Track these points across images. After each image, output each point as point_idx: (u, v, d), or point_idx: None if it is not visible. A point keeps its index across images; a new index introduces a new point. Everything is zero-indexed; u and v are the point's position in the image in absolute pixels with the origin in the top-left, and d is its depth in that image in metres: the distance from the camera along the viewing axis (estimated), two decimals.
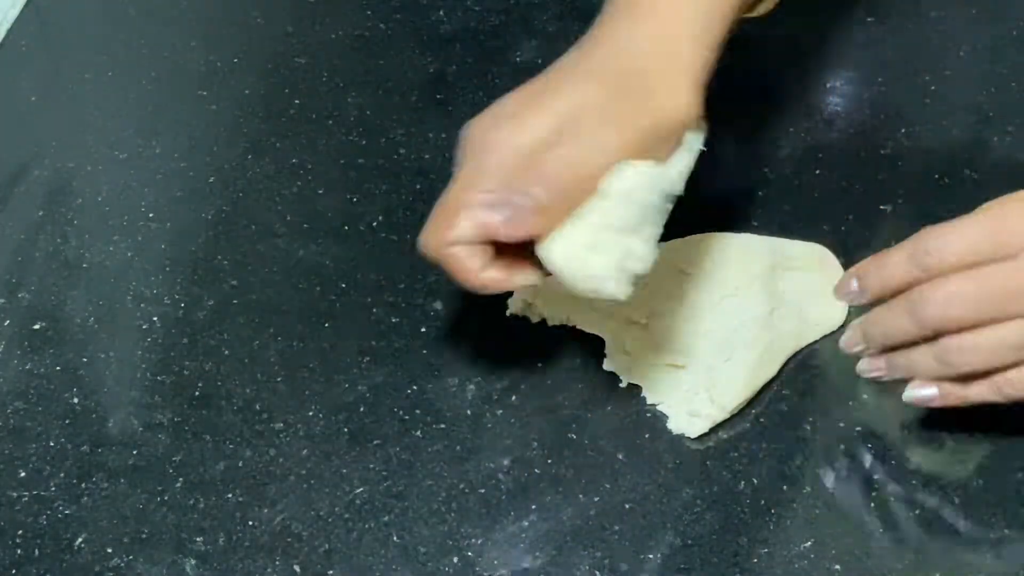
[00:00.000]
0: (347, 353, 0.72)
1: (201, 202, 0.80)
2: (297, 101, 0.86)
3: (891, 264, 0.64)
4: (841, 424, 0.68)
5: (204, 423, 0.69)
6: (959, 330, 0.62)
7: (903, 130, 0.81)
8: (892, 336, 0.65)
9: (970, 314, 0.62)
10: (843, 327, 0.69)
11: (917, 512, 0.65)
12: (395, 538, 0.64)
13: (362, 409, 0.69)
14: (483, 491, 0.66)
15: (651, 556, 0.63)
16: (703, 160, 0.80)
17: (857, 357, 0.67)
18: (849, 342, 0.67)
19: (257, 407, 0.70)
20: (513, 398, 0.69)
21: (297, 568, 0.63)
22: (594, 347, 0.71)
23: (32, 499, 0.66)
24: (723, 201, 0.79)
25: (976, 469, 0.66)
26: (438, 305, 0.73)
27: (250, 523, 0.65)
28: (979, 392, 0.64)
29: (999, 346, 0.62)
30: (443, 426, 0.69)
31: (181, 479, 0.67)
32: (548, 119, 0.62)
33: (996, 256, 0.62)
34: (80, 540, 0.65)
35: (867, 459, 0.67)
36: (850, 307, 0.71)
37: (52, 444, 0.69)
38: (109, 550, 0.64)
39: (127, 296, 0.75)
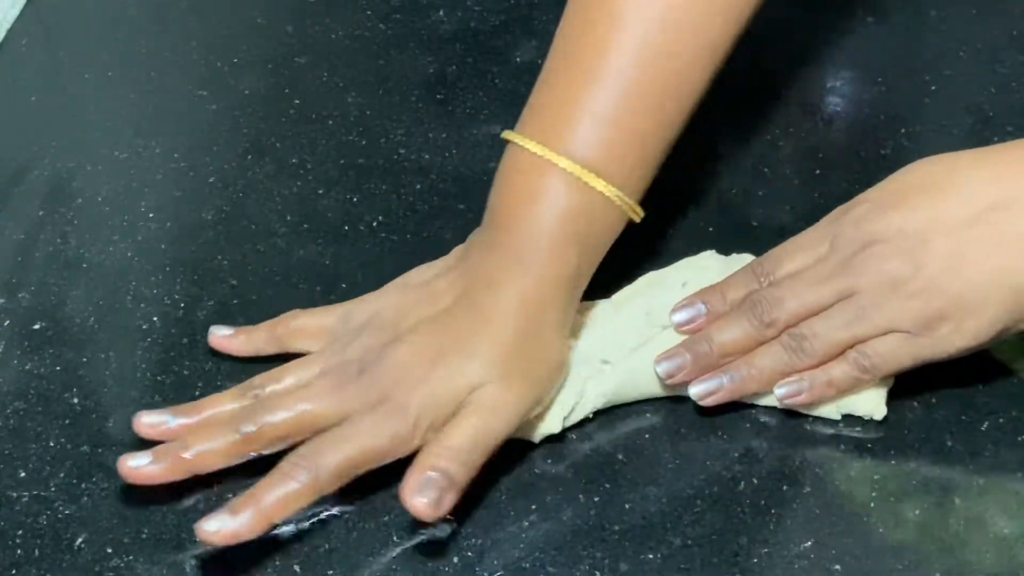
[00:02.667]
0: None
1: (201, 202, 0.80)
2: (297, 101, 0.86)
3: (734, 283, 0.69)
4: (841, 424, 0.68)
5: None
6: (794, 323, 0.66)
7: (903, 130, 0.81)
8: (736, 343, 0.67)
9: (804, 299, 0.66)
10: None
11: (917, 512, 0.65)
12: (395, 538, 0.64)
13: None
14: (483, 491, 0.66)
15: (651, 556, 0.63)
16: (702, 159, 0.80)
17: None
18: (670, 366, 0.68)
19: None
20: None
21: (297, 568, 0.63)
22: None
23: (32, 499, 0.66)
24: (723, 201, 0.79)
25: (976, 469, 0.66)
26: None
27: None
28: (841, 372, 0.66)
29: (835, 323, 0.66)
30: None
31: (181, 480, 0.67)
32: (453, 393, 0.64)
33: (816, 257, 0.67)
34: (80, 540, 0.65)
35: (867, 459, 0.67)
36: None
37: (52, 444, 0.69)
38: (109, 550, 0.64)
39: (127, 296, 0.75)
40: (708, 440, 0.68)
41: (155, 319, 0.74)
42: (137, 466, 0.64)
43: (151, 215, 0.80)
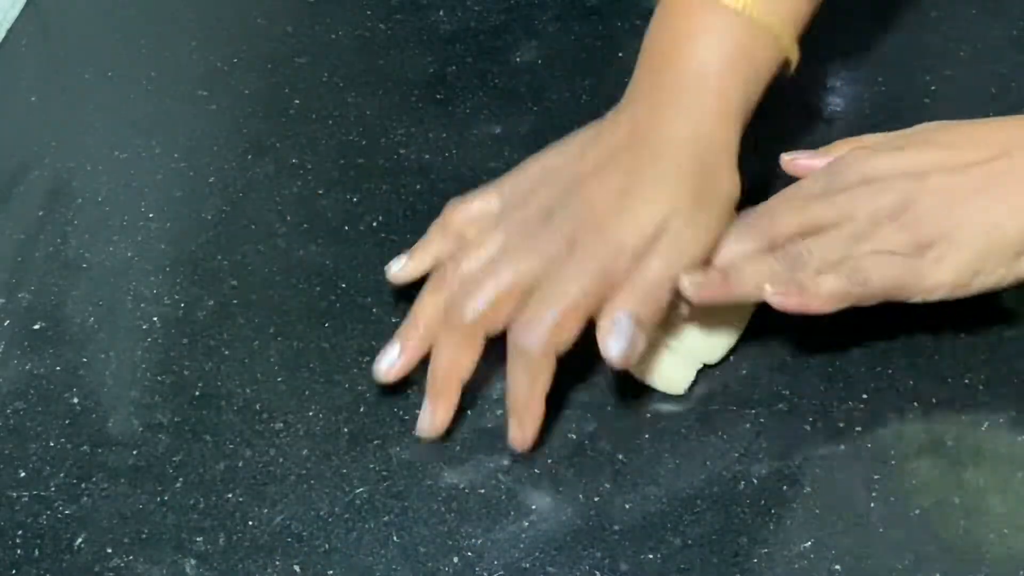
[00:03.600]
0: (347, 353, 0.72)
1: (201, 202, 0.80)
2: (297, 101, 0.86)
3: (735, 250, 0.69)
4: (842, 424, 0.68)
5: (204, 423, 0.69)
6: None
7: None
8: (732, 257, 0.68)
9: (800, 224, 0.68)
10: None
11: (917, 512, 0.65)
12: (395, 538, 0.64)
13: (362, 409, 0.70)
14: (483, 491, 0.66)
15: (651, 556, 0.63)
16: None
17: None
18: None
19: (257, 407, 0.70)
20: None
21: (297, 568, 0.63)
22: (594, 347, 0.70)
23: (32, 499, 0.66)
24: None
25: (976, 469, 0.66)
26: None
27: (250, 523, 0.65)
28: (833, 282, 0.67)
29: (830, 242, 0.67)
30: None
31: (181, 479, 0.67)
32: (647, 226, 0.65)
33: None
34: (80, 540, 0.65)
35: (867, 459, 0.67)
36: None
37: (52, 444, 0.69)
38: (109, 550, 0.64)
39: (127, 296, 0.75)
40: (708, 440, 0.68)
41: (155, 319, 0.74)
42: (389, 366, 0.67)
43: (151, 215, 0.80)
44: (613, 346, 0.64)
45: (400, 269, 0.72)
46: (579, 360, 0.70)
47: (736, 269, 0.68)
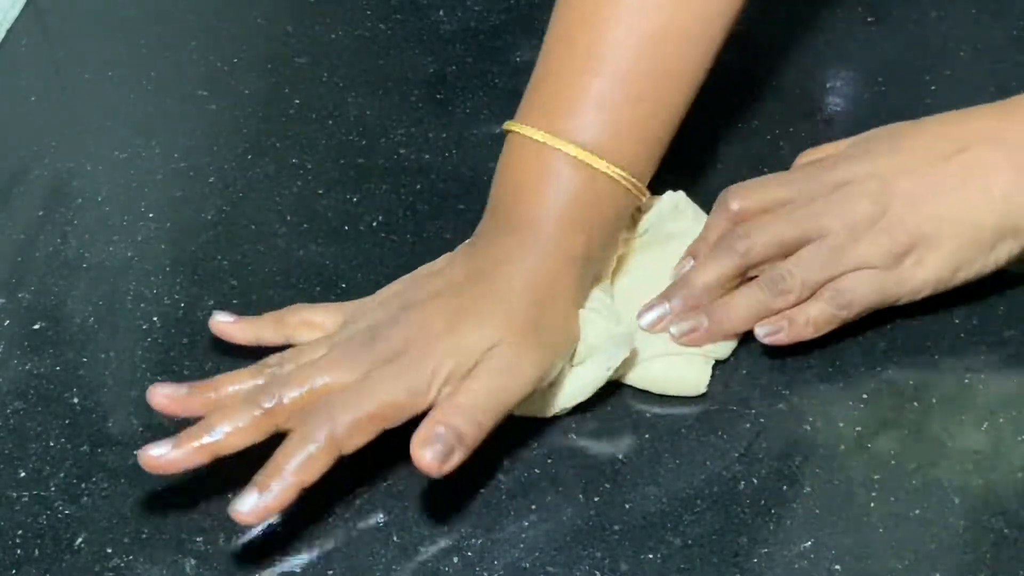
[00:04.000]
0: None
1: (201, 202, 0.80)
2: (297, 101, 0.86)
3: (712, 225, 0.72)
4: (841, 424, 0.68)
5: None
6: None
7: None
8: (716, 278, 0.69)
9: (776, 243, 0.69)
10: None
11: (917, 512, 0.65)
12: (395, 538, 0.64)
13: None
14: (483, 491, 0.66)
15: (651, 556, 0.63)
16: (703, 159, 0.80)
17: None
18: (652, 316, 0.70)
19: None
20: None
21: (297, 568, 0.63)
22: None
23: (32, 499, 0.66)
24: None
25: (976, 469, 0.66)
26: None
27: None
28: (819, 310, 0.69)
29: (809, 262, 0.68)
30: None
31: (181, 479, 0.67)
32: (472, 350, 0.64)
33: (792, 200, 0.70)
34: (80, 540, 0.65)
35: (867, 459, 0.67)
36: None
37: (52, 444, 0.69)
38: (109, 550, 0.64)
39: (127, 296, 0.75)
40: (708, 440, 0.68)
41: (155, 319, 0.74)
42: (159, 454, 0.62)
43: (151, 215, 0.80)
44: (427, 452, 0.61)
45: (224, 322, 0.70)
46: None
47: (726, 306, 0.69)
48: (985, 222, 0.68)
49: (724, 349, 0.70)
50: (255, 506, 0.61)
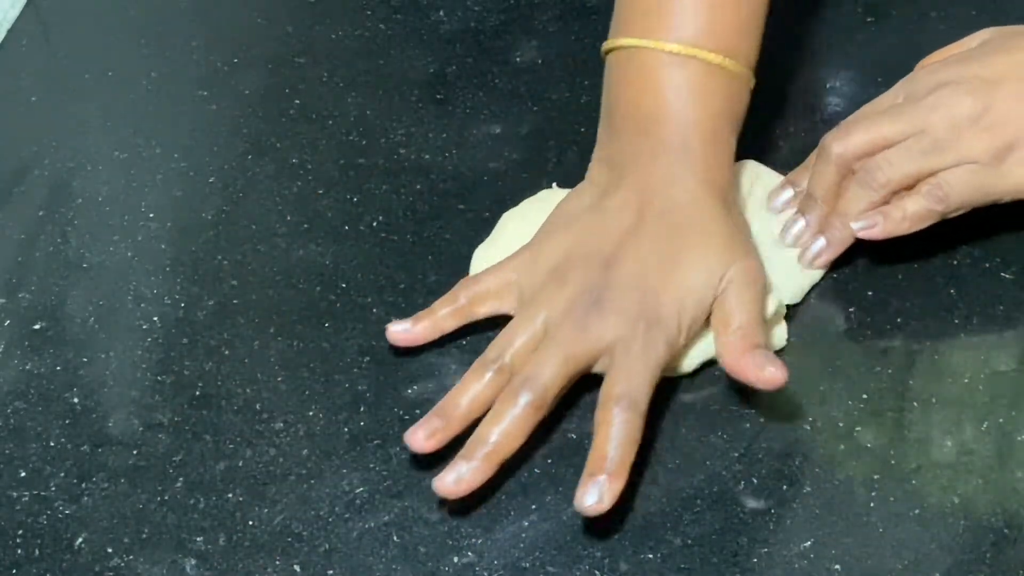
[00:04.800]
0: (347, 353, 0.72)
1: (201, 202, 0.80)
2: (297, 101, 0.86)
3: (819, 179, 0.73)
4: (841, 424, 0.68)
5: (204, 423, 0.69)
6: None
7: None
8: (823, 187, 0.72)
9: (874, 140, 0.71)
10: None
11: (917, 512, 0.65)
12: (395, 538, 0.64)
13: (362, 409, 0.69)
14: (483, 491, 0.66)
15: (651, 556, 0.63)
16: None
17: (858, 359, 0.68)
18: (795, 231, 0.73)
19: (257, 407, 0.70)
20: None
21: (297, 568, 0.63)
22: None
23: (32, 499, 0.66)
24: None
25: (976, 469, 0.66)
26: None
27: (250, 523, 0.65)
28: (916, 203, 0.70)
29: (909, 153, 0.69)
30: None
31: (181, 479, 0.67)
32: (707, 286, 0.67)
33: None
34: (80, 540, 0.65)
35: (867, 459, 0.67)
36: None
37: (52, 444, 0.69)
38: (109, 550, 0.64)
39: (127, 296, 0.75)
40: (708, 440, 0.68)
41: (155, 319, 0.74)
42: (458, 477, 0.64)
43: (151, 215, 0.80)
44: (774, 371, 0.65)
45: (402, 331, 0.70)
46: None
47: (838, 216, 0.71)
48: None
49: (794, 294, 0.72)
50: (460, 476, 0.63)
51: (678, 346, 0.67)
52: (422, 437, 0.65)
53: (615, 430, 0.63)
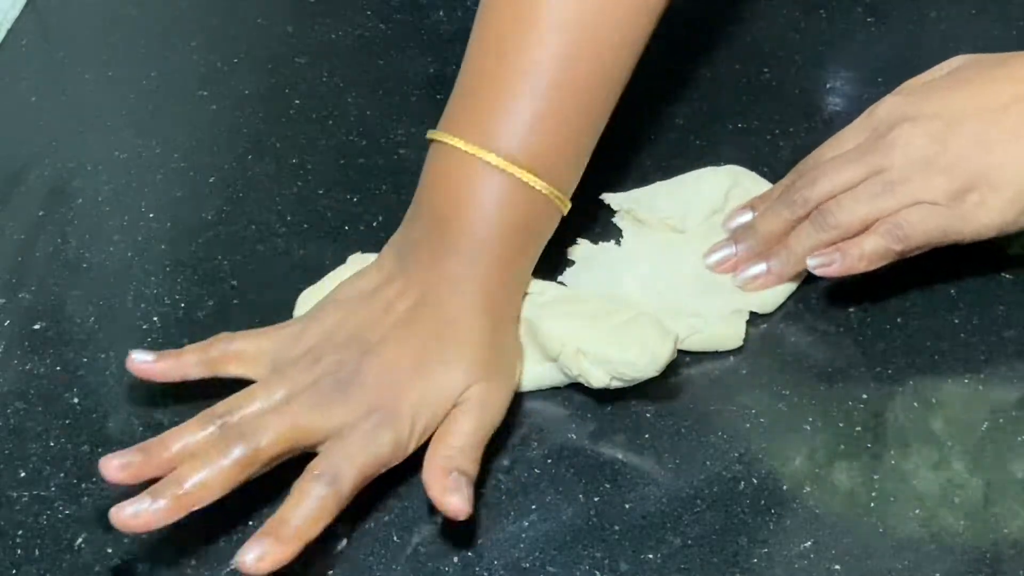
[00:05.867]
0: None
1: (201, 202, 0.80)
2: (297, 101, 0.86)
3: (775, 192, 0.73)
4: (841, 424, 0.68)
5: None
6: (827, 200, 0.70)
7: None
8: (773, 230, 0.71)
9: (835, 190, 0.70)
10: None
11: (917, 512, 0.65)
12: (395, 538, 0.64)
13: None
14: (483, 491, 0.66)
15: (651, 556, 0.63)
16: (704, 160, 0.80)
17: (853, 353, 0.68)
18: (718, 256, 0.73)
19: None
20: (512, 398, 0.69)
21: (297, 568, 0.63)
22: None
23: (32, 499, 0.66)
24: None
25: (976, 469, 0.66)
26: None
27: (250, 523, 0.65)
28: (873, 243, 0.69)
29: (862, 196, 0.69)
30: None
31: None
32: (449, 394, 0.65)
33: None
34: (80, 540, 0.65)
35: (867, 459, 0.67)
36: None
37: (52, 444, 0.69)
38: (109, 550, 0.64)
39: (127, 296, 0.75)
40: (708, 440, 0.68)
41: (155, 319, 0.74)
42: (136, 511, 0.60)
43: (151, 215, 0.80)
44: (454, 499, 0.62)
45: (143, 362, 0.68)
46: None
47: (786, 248, 0.71)
48: None
49: (770, 302, 0.72)
50: (264, 553, 0.60)
51: (405, 450, 0.64)
52: (116, 466, 0.62)
53: (306, 502, 0.61)
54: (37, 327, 0.74)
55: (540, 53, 0.69)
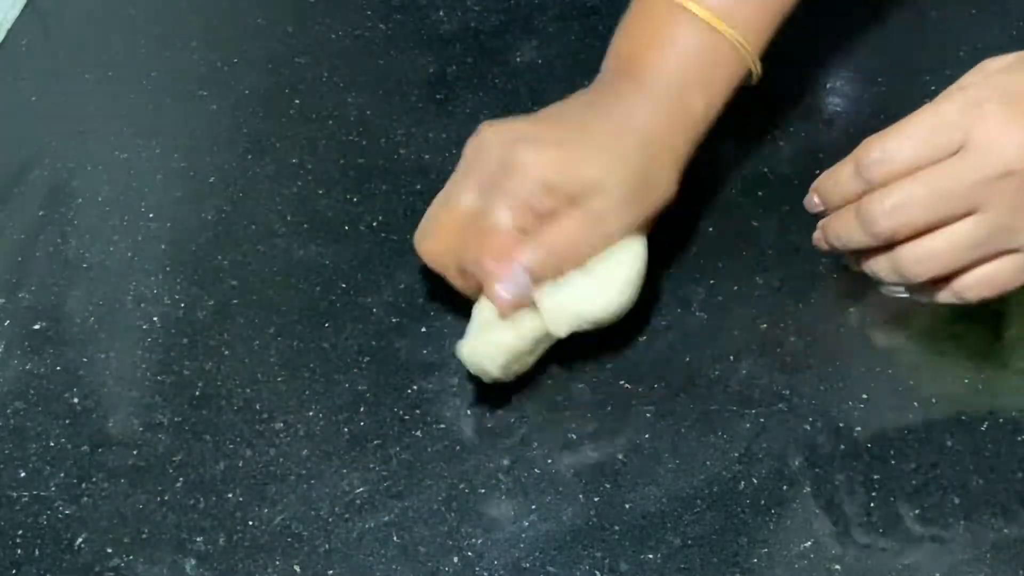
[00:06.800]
0: (347, 353, 0.72)
1: (201, 202, 0.80)
2: (297, 101, 0.86)
3: (842, 181, 0.66)
4: (841, 424, 0.68)
5: (204, 423, 0.69)
6: (912, 236, 0.64)
7: None
8: (848, 245, 0.67)
9: (919, 219, 0.63)
10: None
11: (917, 511, 0.65)
12: (395, 538, 0.64)
13: (362, 409, 0.69)
14: (483, 491, 0.66)
15: (651, 556, 0.63)
16: (703, 160, 0.80)
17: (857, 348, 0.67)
18: (816, 237, 0.70)
19: (257, 407, 0.70)
20: (513, 398, 0.69)
21: (297, 568, 0.63)
22: (594, 348, 0.71)
23: (32, 499, 0.66)
24: (723, 201, 0.79)
25: (976, 469, 0.66)
26: (438, 305, 0.73)
27: (250, 523, 0.65)
28: (943, 296, 0.66)
29: (952, 248, 0.63)
30: (443, 426, 0.69)
31: (181, 479, 0.67)
32: (576, 184, 0.66)
33: (938, 155, 0.63)
34: (80, 540, 0.65)
35: (867, 459, 0.67)
36: None
37: (52, 444, 0.69)
38: (109, 550, 0.64)
39: (127, 296, 0.75)
40: (708, 440, 0.68)
41: (155, 319, 0.74)
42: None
43: (151, 215, 0.80)
44: (503, 289, 0.64)
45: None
46: (579, 360, 0.70)
47: (865, 261, 0.67)
48: None
49: (605, 306, 0.68)
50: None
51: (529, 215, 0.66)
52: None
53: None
54: (37, 327, 0.74)
55: None
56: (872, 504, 0.65)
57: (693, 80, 0.70)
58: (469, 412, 0.69)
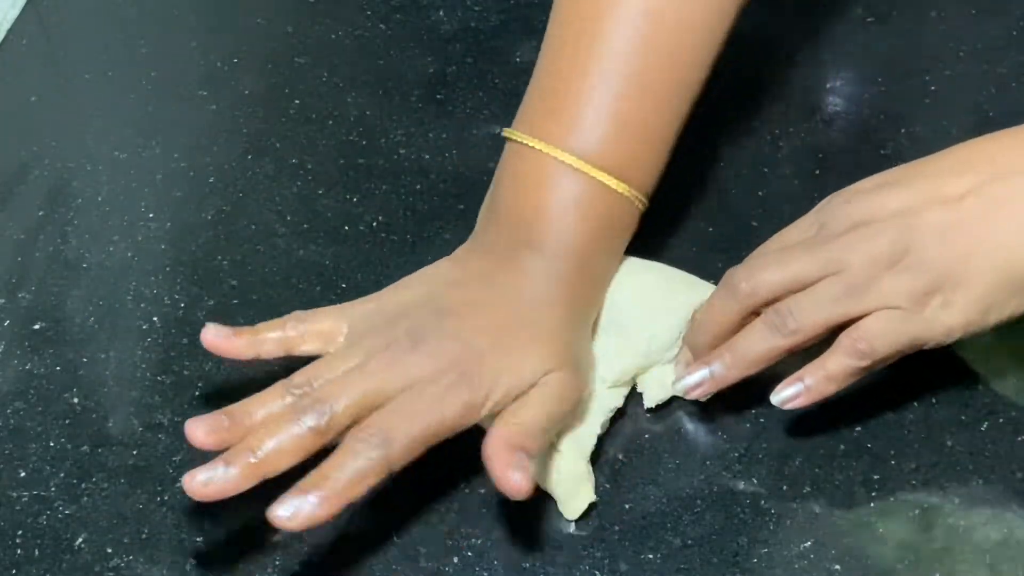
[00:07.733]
0: None
1: (201, 202, 0.80)
2: (297, 101, 0.86)
3: (719, 314, 0.67)
4: (841, 424, 0.68)
5: None
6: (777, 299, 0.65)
7: (903, 130, 0.81)
8: (720, 323, 0.66)
9: (785, 281, 0.64)
10: None
11: (917, 512, 0.65)
12: (395, 538, 0.64)
13: None
14: (483, 491, 0.66)
15: (651, 556, 0.63)
16: (703, 160, 0.80)
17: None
18: (680, 372, 0.68)
19: None
20: None
21: (297, 568, 0.63)
22: None
23: (32, 499, 0.66)
24: (723, 201, 0.79)
25: (976, 469, 0.66)
26: None
27: (250, 523, 0.65)
28: (837, 362, 0.64)
29: (822, 299, 0.64)
30: None
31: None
32: (526, 376, 0.63)
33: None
34: (80, 540, 0.65)
35: (867, 459, 0.67)
36: None
37: (52, 444, 0.69)
38: (109, 550, 0.64)
39: (127, 296, 0.75)
40: (708, 440, 0.68)
41: (155, 319, 0.74)
42: (208, 479, 0.59)
43: (151, 215, 0.80)
44: (515, 475, 0.60)
45: (219, 337, 0.66)
46: None
47: (733, 350, 0.66)
48: (1018, 258, 0.62)
49: (616, 377, 0.68)
50: (297, 511, 0.58)
51: (476, 414, 0.62)
52: (203, 431, 0.61)
53: (351, 461, 0.60)
54: (37, 327, 0.74)
55: (619, 44, 0.67)
56: (872, 504, 0.65)
57: (596, 237, 0.67)
58: None
